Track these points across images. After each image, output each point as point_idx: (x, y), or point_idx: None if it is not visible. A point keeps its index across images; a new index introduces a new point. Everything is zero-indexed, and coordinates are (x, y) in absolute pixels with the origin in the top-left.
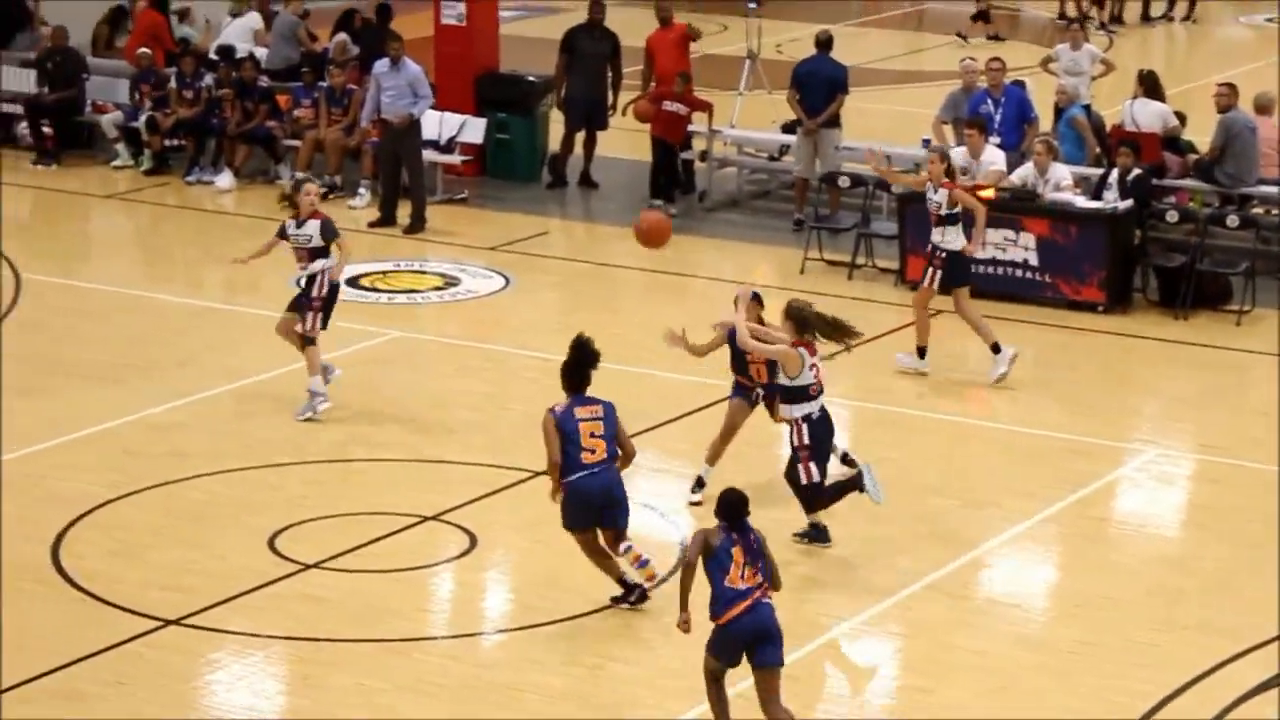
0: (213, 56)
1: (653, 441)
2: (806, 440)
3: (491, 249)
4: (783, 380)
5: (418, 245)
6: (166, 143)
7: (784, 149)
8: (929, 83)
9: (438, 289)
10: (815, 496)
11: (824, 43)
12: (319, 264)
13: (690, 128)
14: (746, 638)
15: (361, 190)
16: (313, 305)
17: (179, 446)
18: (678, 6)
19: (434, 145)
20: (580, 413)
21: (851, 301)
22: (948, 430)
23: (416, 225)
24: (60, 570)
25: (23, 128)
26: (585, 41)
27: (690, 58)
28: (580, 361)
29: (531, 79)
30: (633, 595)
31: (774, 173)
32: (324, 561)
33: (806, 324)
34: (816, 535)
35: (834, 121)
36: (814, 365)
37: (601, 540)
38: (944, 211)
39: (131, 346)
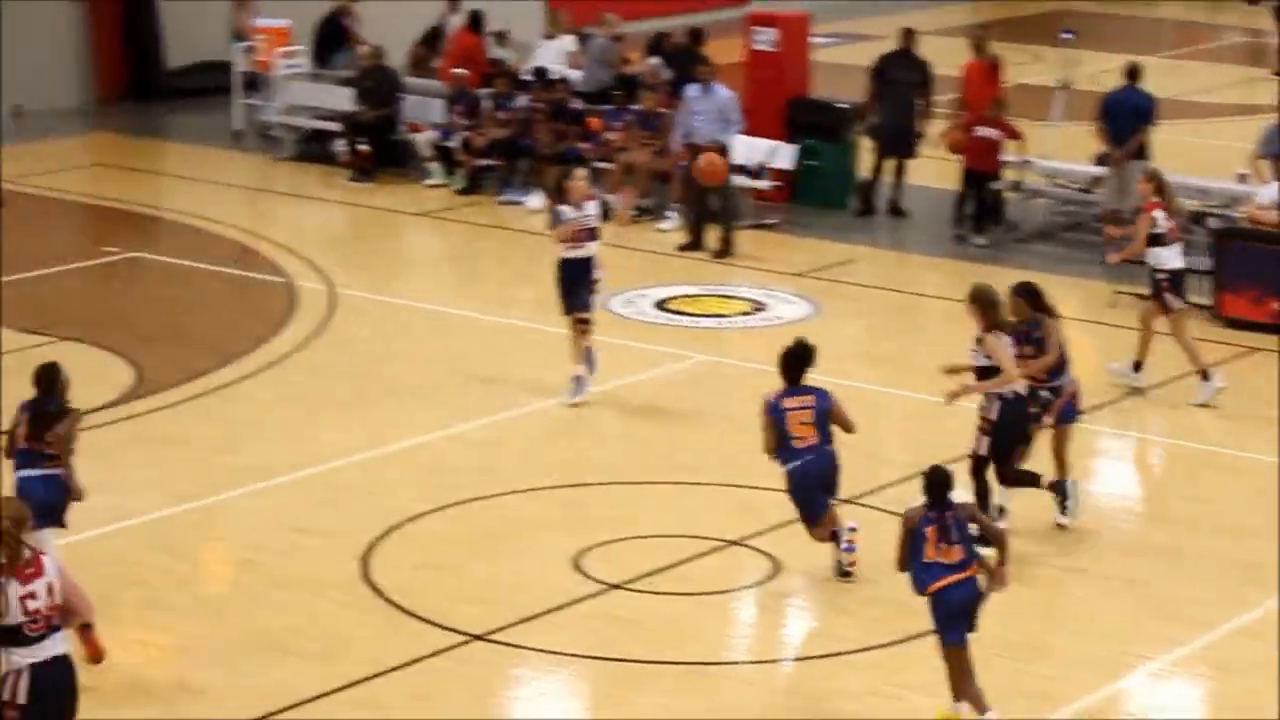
0: (526, 78)
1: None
2: (993, 417)
3: (799, 275)
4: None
5: (725, 270)
6: (479, 162)
7: (1096, 181)
8: (1248, 116)
9: (744, 314)
10: (1003, 475)
11: (1132, 73)
12: (595, 246)
13: (1001, 158)
14: (959, 606)
15: (670, 214)
16: (594, 288)
17: (489, 463)
18: (990, 34)
19: (744, 171)
20: (788, 402)
21: (1162, 337)
22: (1261, 470)
23: (725, 250)
24: (369, 582)
25: (340, 145)
26: (896, 69)
27: (1003, 87)
28: (796, 358)
29: (842, 106)
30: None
31: (1085, 204)
32: (628, 582)
33: (995, 307)
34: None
35: (1141, 153)
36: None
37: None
38: (1154, 230)
39: (444, 363)
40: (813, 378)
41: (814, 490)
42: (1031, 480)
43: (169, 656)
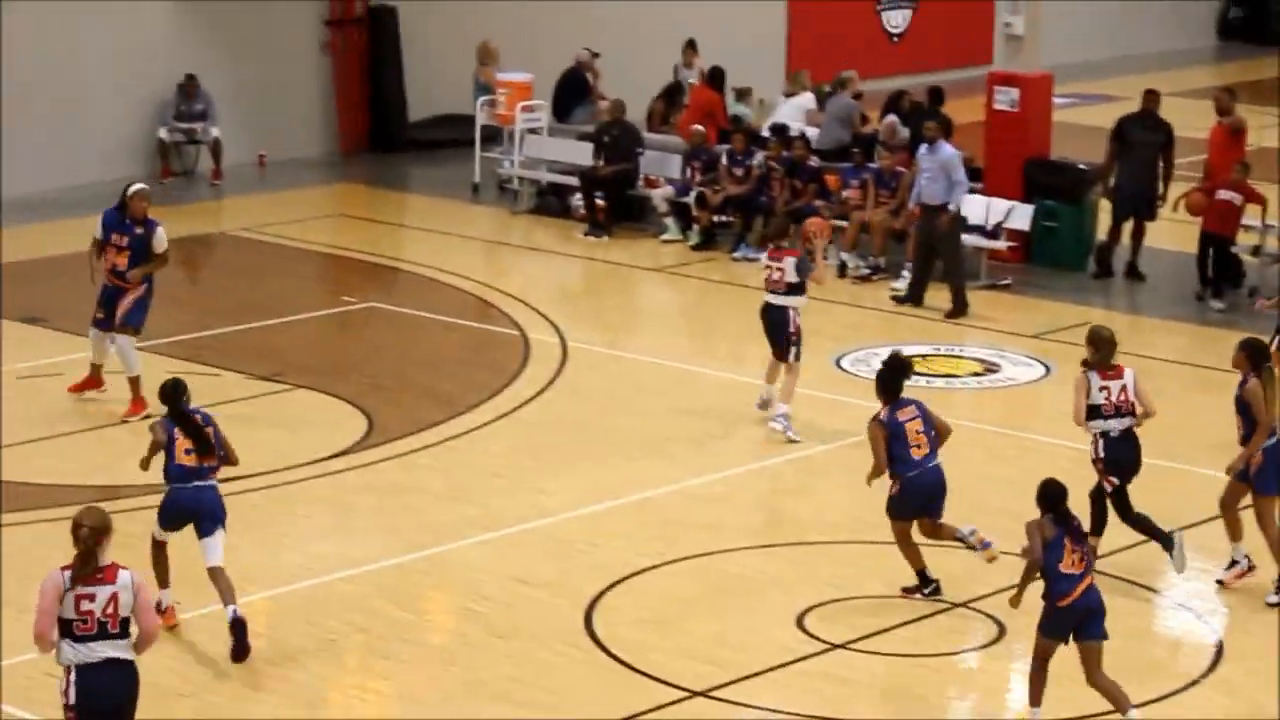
0: (764, 135)
1: (1191, 539)
2: (1100, 454)
3: (1033, 337)
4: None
5: (957, 330)
6: (715, 218)
7: None
8: None
9: (976, 374)
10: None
11: None
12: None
13: (1241, 222)
14: (1079, 616)
15: (904, 273)
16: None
17: (717, 518)
18: (1234, 97)
19: (980, 230)
20: (901, 415)
21: None
22: None
23: (957, 310)
24: (592, 635)
25: (577, 199)
26: (1137, 131)
27: (1246, 150)
28: (896, 371)
29: (1081, 167)
30: (926, 589)
31: None
32: (852, 642)
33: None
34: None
35: None
36: (1104, 387)
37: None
38: None
39: (674, 418)
40: (1040, 440)
41: (922, 502)
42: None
43: (390, 703)
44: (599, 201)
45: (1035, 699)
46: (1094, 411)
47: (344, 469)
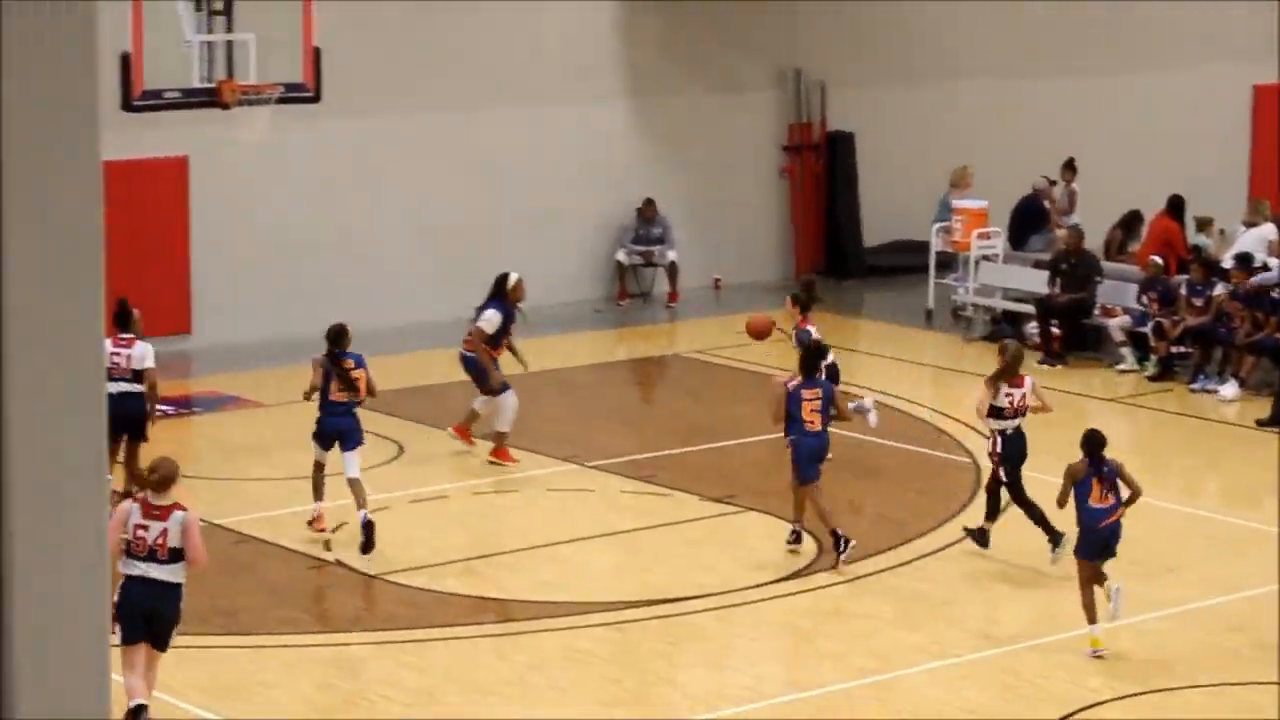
0: (1225, 265)
1: None
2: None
3: None
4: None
5: None
6: (1172, 349)
7: None
8: None
9: None
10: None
11: None
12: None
13: None
14: (1106, 539)
15: None
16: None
17: (1164, 654)
18: None
19: None
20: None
21: None
22: None
23: None
24: None
25: (1031, 326)
26: None
27: None
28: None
29: None
30: (841, 545)
31: None
32: None
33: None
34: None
35: None
36: (1008, 393)
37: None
38: None
39: (1123, 548)
40: None
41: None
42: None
43: None
44: (1054, 330)
45: (1091, 618)
46: (996, 412)
47: (793, 592)
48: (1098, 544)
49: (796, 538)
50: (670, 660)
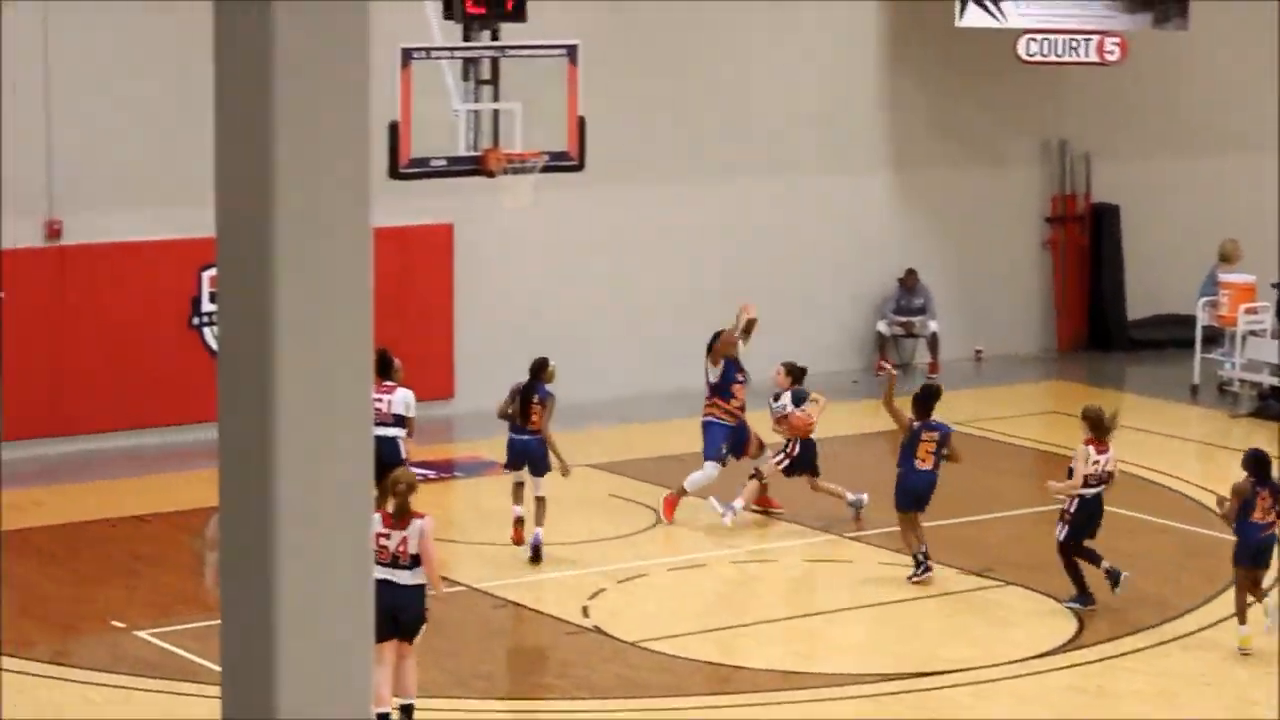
0: None
1: None
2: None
3: None
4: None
5: None
6: None
7: None
8: None
9: None
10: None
11: None
12: None
13: None
14: (1262, 548)
15: None
16: None
17: None
18: None
19: None
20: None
21: None
22: None
23: None
24: None
25: None
26: None
27: None
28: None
29: None
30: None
31: None
32: None
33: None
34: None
35: None
36: (1096, 460)
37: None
38: None
39: None
40: None
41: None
42: None
43: None
44: None
45: (1242, 619)
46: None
47: (1050, 669)
48: (1254, 552)
49: (922, 568)
50: None
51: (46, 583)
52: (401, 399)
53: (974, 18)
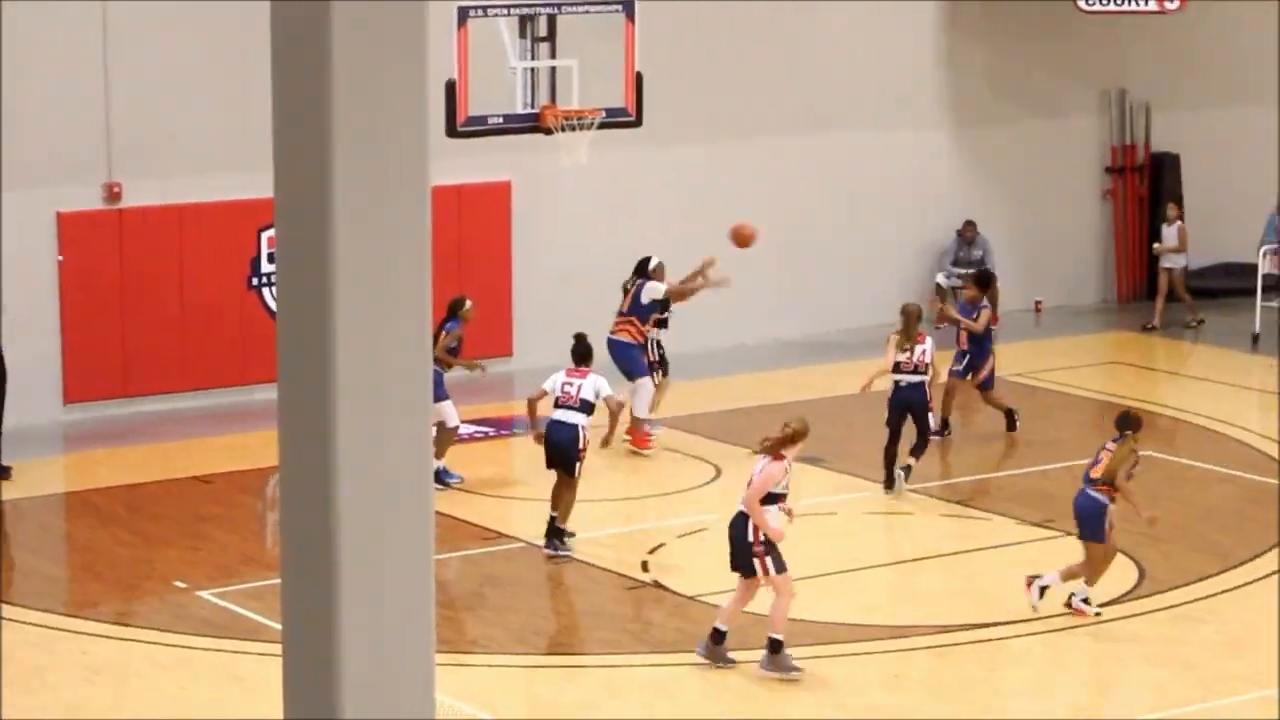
0: None
1: None
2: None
3: None
4: None
5: None
6: None
7: None
8: None
9: None
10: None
11: None
12: None
13: None
14: None
15: None
16: None
17: None
18: None
19: None
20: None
21: None
22: None
23: None
24: None
25: None
26: None
27: None
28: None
29: None
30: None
31: None
32: None
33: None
34: None
35: None
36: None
37: None
38: None
39: None
40: None
41: None
42: None
43: None
44: None
45: None
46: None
47: (1113, 618)
48: None
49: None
50: (992, 686)
51: (110, 543)
52: (592, 385)
53: None
